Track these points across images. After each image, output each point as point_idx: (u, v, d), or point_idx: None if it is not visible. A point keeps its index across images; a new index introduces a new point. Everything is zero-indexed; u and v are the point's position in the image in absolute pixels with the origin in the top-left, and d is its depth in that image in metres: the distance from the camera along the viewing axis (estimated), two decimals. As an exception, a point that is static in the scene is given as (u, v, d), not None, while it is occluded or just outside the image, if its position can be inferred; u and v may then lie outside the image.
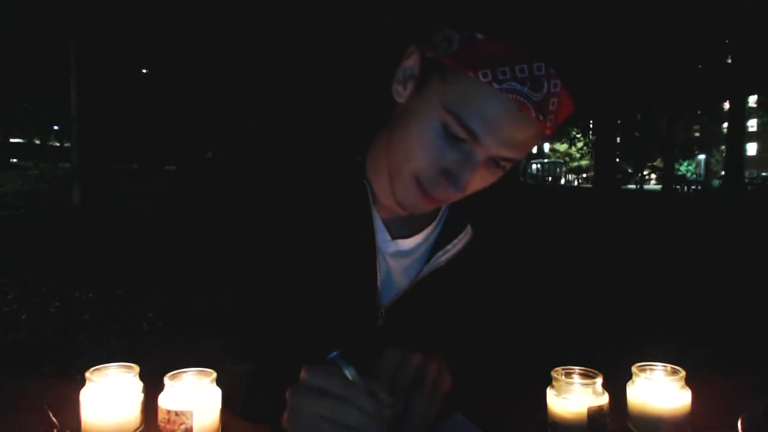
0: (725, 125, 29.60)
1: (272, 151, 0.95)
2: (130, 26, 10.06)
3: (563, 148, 40.87)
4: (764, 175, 32.55)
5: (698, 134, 42.39)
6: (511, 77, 0.72)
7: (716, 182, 31.65)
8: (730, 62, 19.26)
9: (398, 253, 0.95)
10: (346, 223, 0.91)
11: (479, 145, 0.76)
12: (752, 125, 43.79)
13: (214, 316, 0.92)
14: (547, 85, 0.73)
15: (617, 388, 0.79)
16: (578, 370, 0.77)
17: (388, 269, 0.94)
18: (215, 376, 0.75)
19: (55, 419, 0.77)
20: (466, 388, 0.80)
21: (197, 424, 0.71)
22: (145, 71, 16.23)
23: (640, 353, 0.88)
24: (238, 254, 0.93)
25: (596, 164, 19.29)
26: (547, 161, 40.81)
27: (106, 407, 0.73)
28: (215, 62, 13.06)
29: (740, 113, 20.72)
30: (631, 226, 9.37)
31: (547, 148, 44.81)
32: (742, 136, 21.79)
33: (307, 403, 0.66)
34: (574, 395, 0.74)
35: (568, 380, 0.76)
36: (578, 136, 27.99)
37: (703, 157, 42.93)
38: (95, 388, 0.73)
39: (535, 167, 37.86)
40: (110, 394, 0.73)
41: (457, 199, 0.84)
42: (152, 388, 0.75)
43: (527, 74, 0.72)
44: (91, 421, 0.73)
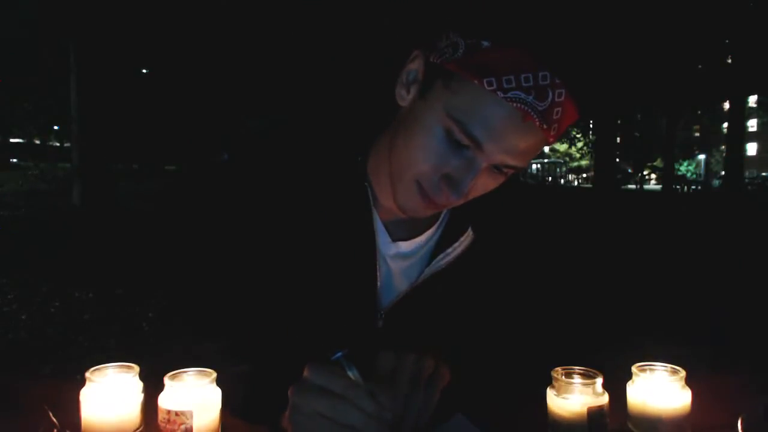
0: (725, 125, 29.61)
1: (272, 151, 0.95)
2: (130, 26, 10.06)
3: (563, 148, 40.88)
4: (764, 175, 32.51)
5: (698, 134, 42.32)
6: (516, 86, 0.71)
7: (716, 182, 31.66)
8: (730, 62, 19.26)
9: (398, 255, 0.95)
10: (346, 224, 0.91)
11: (482, 152, 0.76)
12: (752, 125, 43.75)
13: (213, 316, 0.92)
14: (551, 94, 0.72)
15: (617, 388, 0.79)
16: (578, 370, 0.77)
17: (388, 271, 0.94)
18: (215, 376, 0.75)
19: (55, 419, 0.77)
20: (466, 388, 0.80)
21: (197, 424, 0.71)
22: (145, 71, 16.24)
23: (640, 353, 0.87)
24: (238, 255, 0.93)
25: (596, 164, 19.29)
26: (547, 161, 40.81)
27: (106, 407, 0.73)
28: (216, 62, 13.06)
29: (740, 113, 20.76)
30: (631, 226, 9.37)
31: (547, 148, 44.22)
32: (742, 136, 21.83)
33: (308, 401, 0.66)
34: (574, 395, 0.74)
35: (568, 380, 0.76)
36: (578, 136, 27.97)
37: (703, 157, 42.91)
38: (95, 388, 0.73)
39: (535, 167, 37.81)
40: (110, 394, 0.73)
41: (458, 204, 0.84)
42: (152, 388, 0.75)
43: (532, 83, 0.71)
44: (91, 421, 0.73)
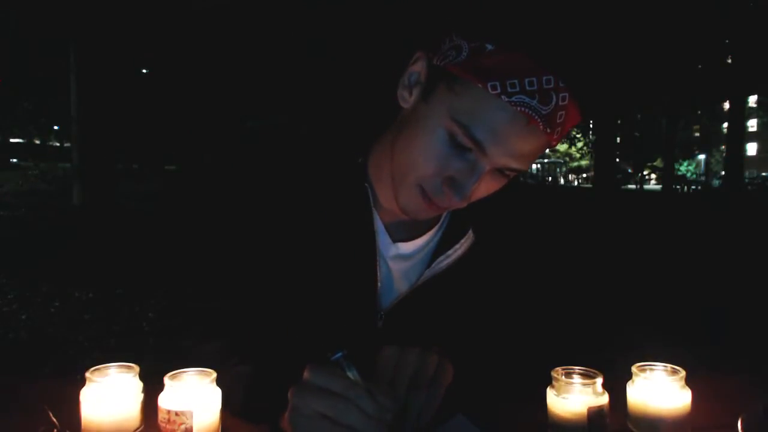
0: (725, 125, 29.60)
1: (273, 151, 0.95)
2: (130, 26, 10.05)
3: (563, 148, 40.82)
4: (764, 175, 32.55)
5: (698, 134, 42.28)
6: (520, 90, 0.71)
7: (716, 182, 31.66)
8: (730, 62, 19.26)
9: (399, 256, 0.95)
10: (346, 224, 0.91)
11: (485, 155, 0.76)
12: (752, 125, 43.77)
13: (213, 317, 0.92)
14: (555, 98, 0.72)
15: (617, 388, 0.79)
16: (578, 370, 0.77)
17: (388, 272, 0.94)
18: (215, 376, 0.75)
19: (55, 419, 0.77)
20: (466, 389, 0.80)
21: (197, 424, 0.71)
22: (145, 71, 16.23)
23: (640, 353, 0.87)
24: (238, 255, 0.93)
25: (596, 164, 19.26)
26: (547, 161, 40.76)
27: (106, 407, 0.73)
28: (216, 62, 13.05)
29: (740, 113, 20.73)
30: (631, 226, 9.37)
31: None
32: (742, 136, 21.80)
33: (308, 401, 0.66)
34: (574, 395, 0.74)
35: (568, 380, 0.76)
36: (578, 136, 27.93)
37: (703, 157, 42.89)
38: (95, 388, 0.73)
39: (535, 167, 37.75)
40: (110, 394, 0.74)
41: (461, 207, 0.84)
42: (152, 388, 0.75)
43: (536, 87, 0.71)
44: (91, 421, 0.73)
